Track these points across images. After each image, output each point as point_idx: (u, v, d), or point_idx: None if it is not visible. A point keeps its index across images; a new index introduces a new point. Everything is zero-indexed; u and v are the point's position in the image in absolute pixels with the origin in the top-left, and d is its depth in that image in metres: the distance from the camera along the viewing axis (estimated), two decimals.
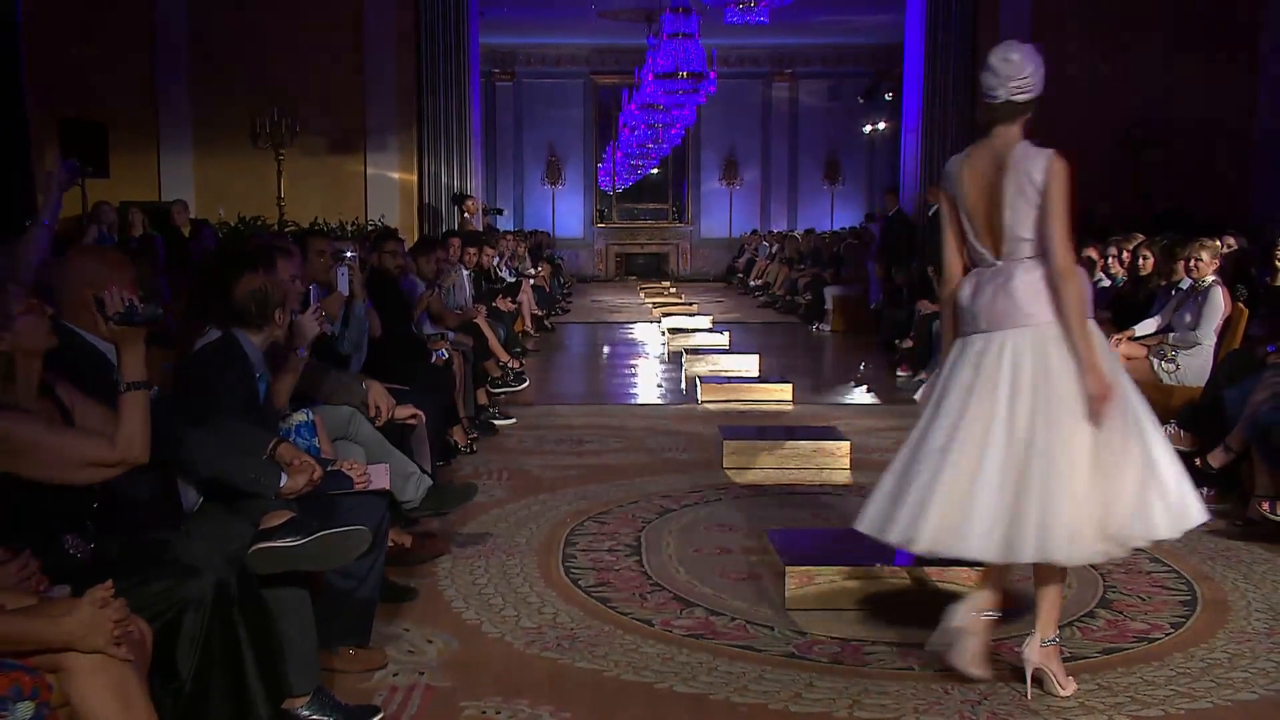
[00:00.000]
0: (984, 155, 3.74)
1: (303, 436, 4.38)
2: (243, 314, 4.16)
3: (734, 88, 25.41)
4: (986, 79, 3.72)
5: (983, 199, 3.72)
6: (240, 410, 3.98)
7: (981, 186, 3.72)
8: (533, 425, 8.50)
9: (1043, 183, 3.59)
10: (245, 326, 4.18)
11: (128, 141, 14.63)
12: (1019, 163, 3.64)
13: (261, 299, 4.19)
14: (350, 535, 3.49)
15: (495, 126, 26.47)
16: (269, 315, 4.21)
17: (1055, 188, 3.59)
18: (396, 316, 6.89)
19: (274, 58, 15.01)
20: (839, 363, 13.09)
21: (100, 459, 2.98)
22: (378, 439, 4.95)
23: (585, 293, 23.13)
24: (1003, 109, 3.71)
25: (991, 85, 3.71)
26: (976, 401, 3.66)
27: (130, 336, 3.07)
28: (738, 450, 7.07)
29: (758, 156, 27.56)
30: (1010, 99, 3.69)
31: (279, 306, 4.25)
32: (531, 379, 9.90)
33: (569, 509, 6.14)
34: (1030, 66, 3.68)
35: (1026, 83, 3.68)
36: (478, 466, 7.12)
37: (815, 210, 26.77)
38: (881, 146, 26.21)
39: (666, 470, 7.08)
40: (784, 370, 11.06)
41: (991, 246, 3.74)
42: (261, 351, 4.24)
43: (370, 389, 5.14)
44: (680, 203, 28.26)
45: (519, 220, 26.56)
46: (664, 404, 9.84)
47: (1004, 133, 3.72)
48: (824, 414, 9.04)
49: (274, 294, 4.25)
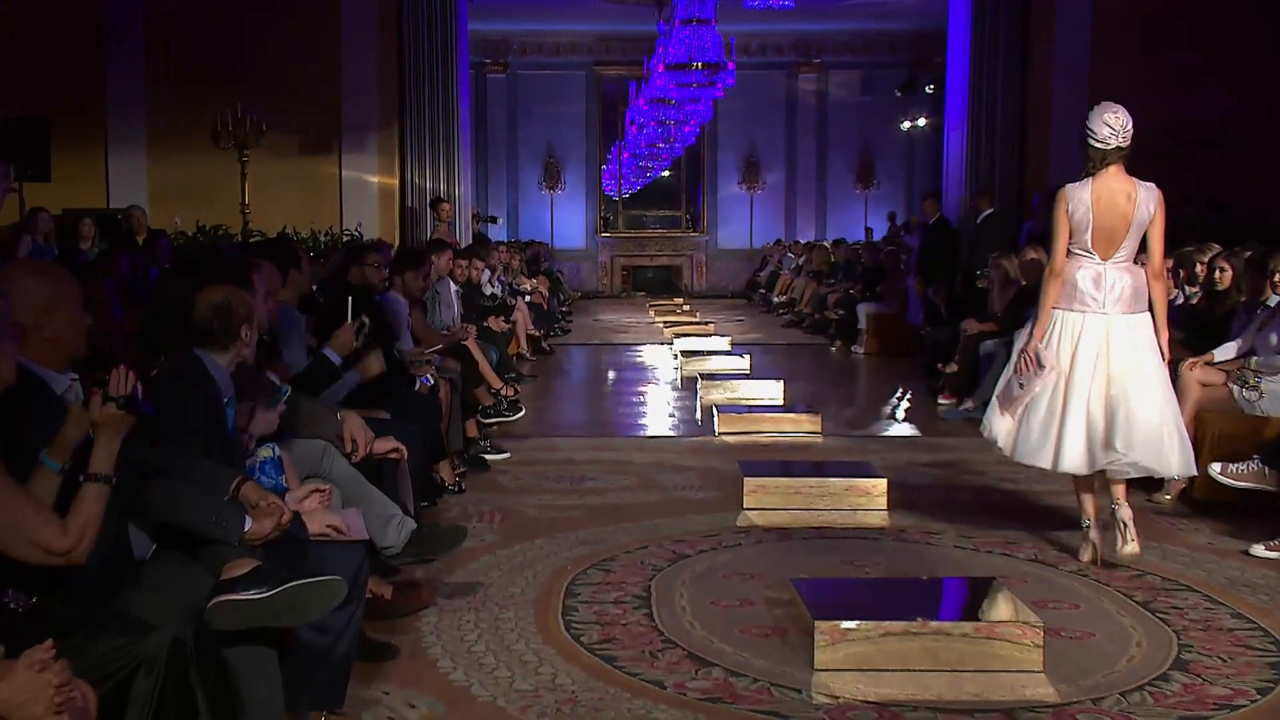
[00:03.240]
0: (1111, 186, 5.88)
1: (268, 474, 4.38)
2: (205, 331, 4.16)
3: (755, 80, 25.50)
4: (1101, 131, 5.85)
5: (1109, 215, 5.86)
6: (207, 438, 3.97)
7: (1113, 209, 5.86)
8: (529, 460, 8.48)
9: (1153, 212, 5.87)
10: (208, 346, 4.18)
11: (72, 141, 14.69)
12: (1141, 197, 5.85)
13: (225, 314, 4.19)
14: (323, 586, 3.47)
15: (487, 124, 26.59)
16: (235, 331, 4.21)
17: (1160, 216, 5.89)
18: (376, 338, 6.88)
19: (239, 47, 15.10)
20: (874, 390, 13.05)
21: (49, 544, 2.97)
22: (354, 477, 4.95)
23: (588, 310, 23.16)
24: (1114, 153, 5.87)
25: (1106, 136, 5.85)
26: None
27: (116, 424, 3.08)
28: (760, 488, 7.05)
29: (782, 157, 27.63)
30: (1120, 146, 5.86)
31: (245, 322, 4.26)
32: (527, 408, 9.89)
33: (570, 555, 6.12)
34: (1130, 121, 5.87)
35: (1130, 133, 5.86)
36: (467, 507, 7.10)
37: (846, 217, 26.83)
38: (921, 145, 26.29)
39: (679, 511, 7.07)
40: (812, 398, 11.02)
41: (1100, 250, 5.91)
42: (229, 373, 4.24)
43: (346, 420, 5.14)
44: (694, 209, 28.31)
45: (513, 229, 26.64)
46: (676, 436, 9.84)
47: (1118, 171, 5.89)
48: (857, 447, 9.03)
49: (239, 308, 4.25)
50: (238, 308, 4.25)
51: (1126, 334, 5.86)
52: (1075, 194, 5.91)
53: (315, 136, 15.52)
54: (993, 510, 7.10)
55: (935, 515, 6.95)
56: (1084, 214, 5.88)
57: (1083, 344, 5.86)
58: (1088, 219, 5.87)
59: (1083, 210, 5.89)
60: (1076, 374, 5.86)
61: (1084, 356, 5.86)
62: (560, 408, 12.01)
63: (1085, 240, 5.90)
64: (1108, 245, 5.89)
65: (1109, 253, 5.90)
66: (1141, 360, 5.84)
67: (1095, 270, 5.91)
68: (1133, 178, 5.90)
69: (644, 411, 11.43)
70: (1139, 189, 5.87)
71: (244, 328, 4.26)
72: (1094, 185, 5.89)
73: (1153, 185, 5.89)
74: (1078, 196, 5.90)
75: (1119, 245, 5.88)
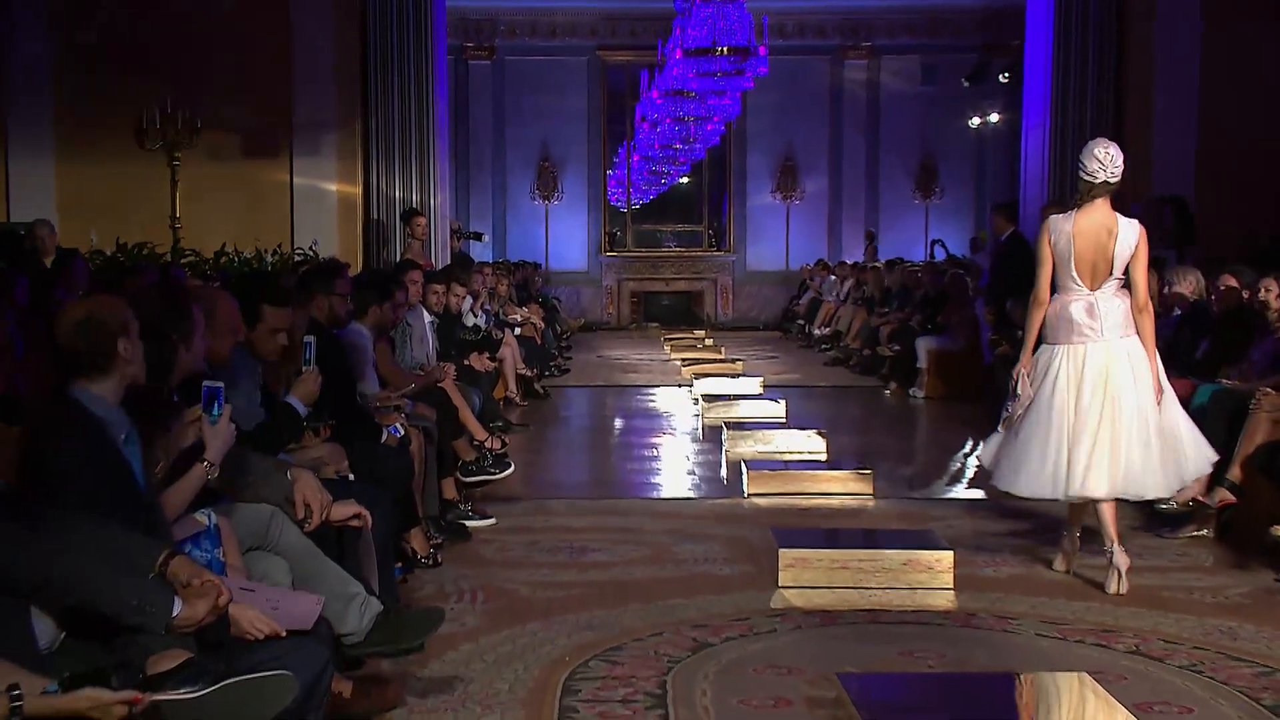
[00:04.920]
0: (1094, 219, 7.10)
1: (202, 547, 4.37)
2: (73, 357, 4.13)
3: (792, 67, 25.60)
4: (1090, 164, 7.04)
5: (1090, 249, 7.08)
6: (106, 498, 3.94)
7: (1094, 243, 7.08)
8: (519, 527, 8.49)
9: (1134, 247, 7.05)
10: (83, 376, 4.14)
11: None
12: (1123, 231, 7.06)
13: (92, 329, 4.15)
14: (268, 684, 3.46)
15: (469, 120, 26.66)
16: (109, 349, 4.16)
17: (1142, 249, 7.09)
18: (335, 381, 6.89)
19: (168, 30, 15.12)
20: (937, 442, 13.04)
21: None
22: (307, 549, 4.94)
23: (590, 345, 23.19)
24: (1101, 187, 7.07)
25: (1094, 170, 7.03)
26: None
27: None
28: (799, 562, 7.05)
29: (824, 161, 27.68)
30: (1107, 181, 7.04)
31: (121, 335, 4.21)
32: (517, 463, 9.86)
33: (568, 643, 6.11)
34: (1121, 159, 7.07)
35: (1119, 171, 7.06)
36: (444, 584, 7.10)
37: (903, 233, 26.86)
38: (994, 146, 26.30)
39: (701, 589, 7.05)
40: (861, 453, 11.00)
41: (1088, 282, 7.11)
42: (117, 404, 4.20)
43: (298, 481, 5.14)
44: (719, 223, 28.36)
45: (500, 247, 26.68)
46: (697, 498, 9.84)
47: (1103, 205, 7.11)
48: (917, 513, 9.03)
49: (108, 319, 4.20)
50: (106, 319, 4.19)
51: (1124, 358, 7.06)
52: (1059, 225, 7.18)
53: (260, 136, 15.55)
54: (1084, 591, 7.08)
55: (1012, 596, 6.94)
56: (1065, 245, 7.12)
57: (1087, 374, 7.04)
58: (1069, 250, 7.11)
59: (1064, 242, 7.13)
60: (1084, 403, 7.01)
61: (1089, 387, 7.02)
62: (557, 463, 12.00)
63: (1070, 271, 7.13)
64: (1093, 277, 7.12)
65: (1096, 283, 7.11)
66: (1140, 383, 7.05)
67: (1087, 301, 7.11)
68: (1116, 213, 7.15)
69: (658, 468, 11.43)
70: (1120, 224, 7.08)
71: (120, 342, 4.18)
72: (1077, 218, 7.14)
73: (1135, 221, 7.15)
74: (1060, 228, 7.16)
75: (1104, 277, 7.10)
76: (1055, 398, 7.10)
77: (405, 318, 9.85)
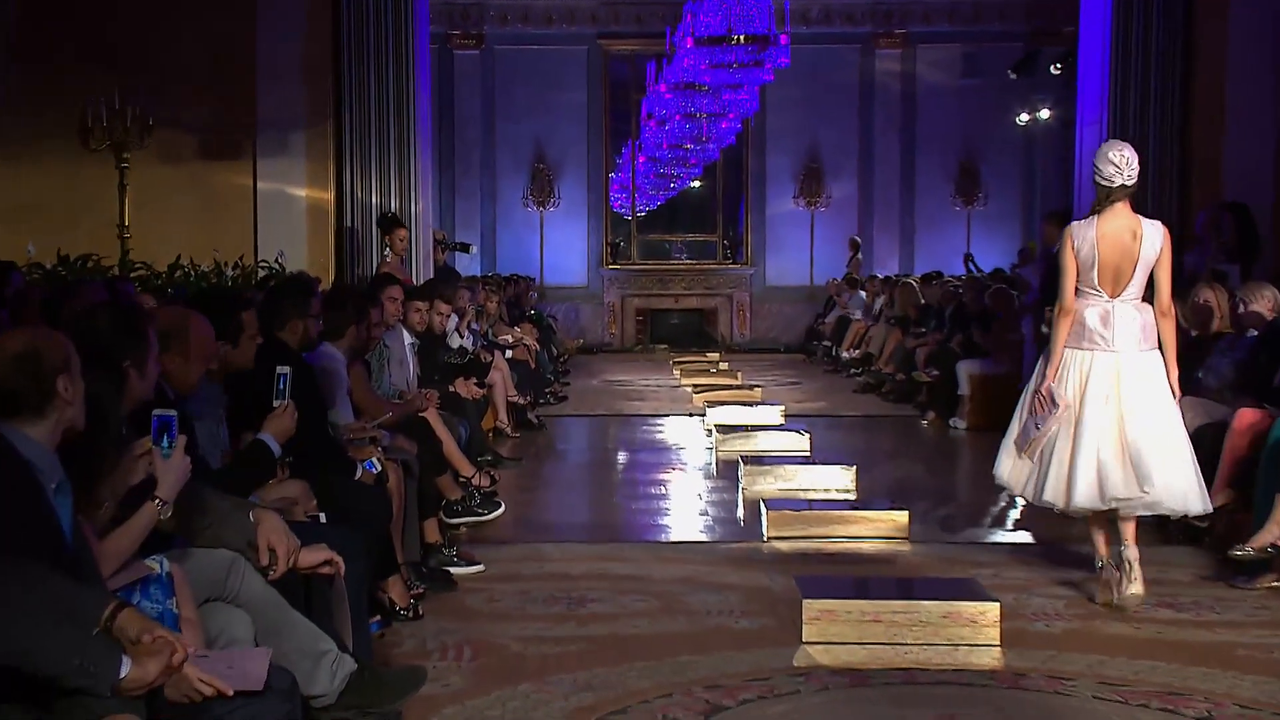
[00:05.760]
0: (1117, 224, 7.71)
1: (152, 597, 4.36)
2: (6, 397, 4.11)
3: (817, 58, 25.70)
4: (1106, 169, 7.69)
5: (1114, 254, 7.67)
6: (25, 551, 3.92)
7: (1118, 247, 7.67)
8: (510, 574, 8.49)
9: (1159, 249, 7.68)
10: (17, 415, 4.13)
11: None
12: (1148, 233, 7.69)
13: (31, 365, 4.14)
14: None
15: (454, 118, 26.76)
16: (48, 388, 4.16)
17: (1168, 254, 7.73)
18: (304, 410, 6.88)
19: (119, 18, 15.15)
20: (980, 478, 12.95)
21: None
22: (271, 600, 4.94)
23: (590, 369, 23.28)
24: (1119, 191, 7.70)
25: (1111, 174, 7.69)
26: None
27: None
28: (825, 615, 7.03)
29: (853, 162, 27.79)
30: (1125, 184, 7.68)
31: (62, 373, 4.20)
32: (508, 503, 9.88)
33: (565, 706, 6.11)
34: (1137, 160, 7.74)
35: (1136, 173, 7.72)
36: (426, 639, 7.09)
37: (942, 243, 26.90)
38: (1044, 145, 26.33)
39: (715, 645, 7.05)
40: (896, 491, 10.98)
41: (1108, 288, 7.72)
42: (52, 451, 4.19)
43: (261, 523, 5.13)
44: (735, 233, 28.44)
45: (489, 260, 26.75)
46: (710, 542, 9.86)
47: (1124, 208, 7.74)
48: (958, 558, 9.06)
49: (50, 354, 4.20)
50: (46, 354, 4.19)
51: (1140, 372, 7.68)
52: (1081, 232, 7.78)
53: (220, 136, 15.55)
54: (1149, 647, 7.05)
55: (1067, 654, 6.91)
56: (1089, 252, 7.71)
57: (1091, 382, 7.66)
58: (1093, 257, 7.70)
59: (1088, 248, 7.72)
60: (1086, 412, 7.64)
61: (1093, 395, 7.65)
62: (553, 503, 12.01)
63: (1092, 278, 7.73)
64: (1115, 283, 7.72)
65: (1116, 290, 7.72)
66: (1156, 399, 7.67)
67: (1103, 308, 7.73)
68: (1139, 215, 7.81)
69: (666, 508, 11.41)
70: (1145, 226, 7.72)
71: (61, 380, 4.17)
72: (1099, 223, 7.73)
73: (1159, 223, 7.81)
74: (1083, 234, 7.76)
75: (1126, 283, 7.72)
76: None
77: (383, 339, 9.83)
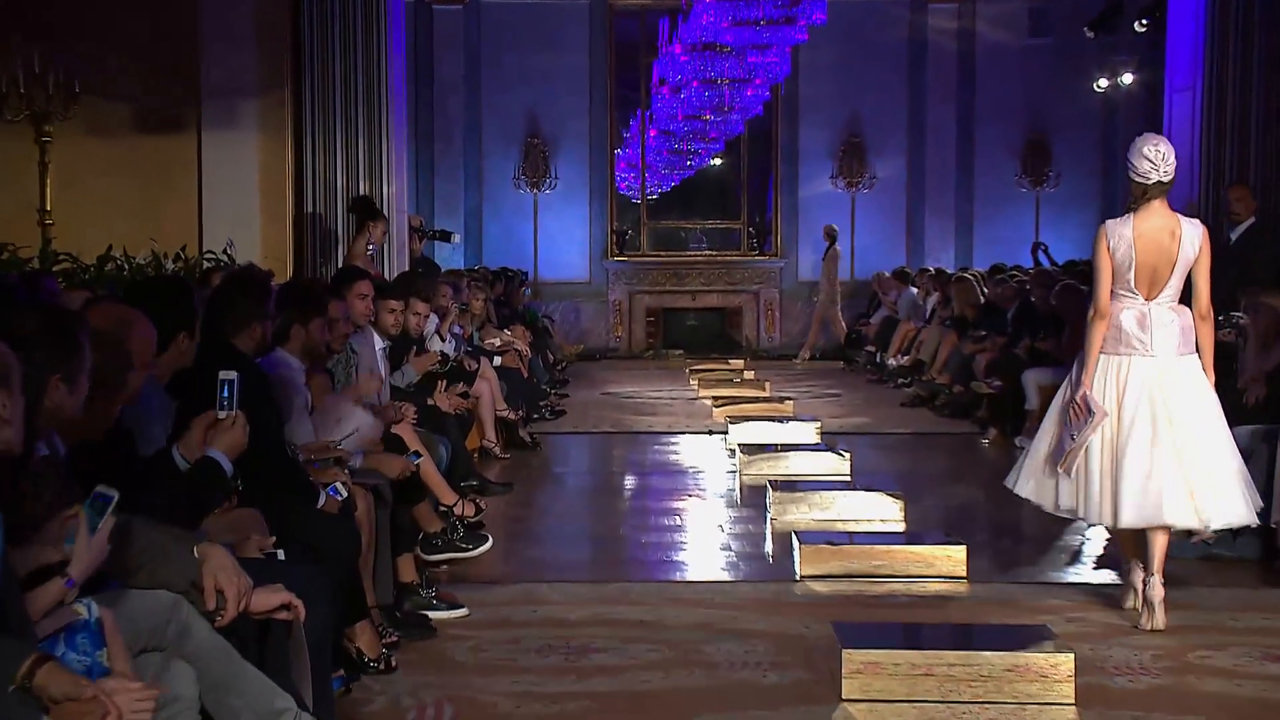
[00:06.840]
0: (1154, 223, 8.31)
1: (78, 648, 4.33)
2: None
3: (859, 14, 25.86)
4: (1141, 165, 8.23)
5: (1152, 253, 8.28)
6: None
7: (1156, 246, 8.28)
8: (499, 620, 8.49)
9: (1198, 250, 8.30)
10: None
11: None
12: (1186, 232, 8.30)
13: None
14: None
15: (433, 85, 26.84)
16: None
17: (1206, 255, 8.35)
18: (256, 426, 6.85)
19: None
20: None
21: None
22: (219, 650, 4.93)
23: (592, 378, 23.35)
24: (1156, 188, 8.28)
25: (1146, 171, 8.23)
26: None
27: None
28: (869, 667, 7.02)
29: (902, 136, 27.82)
30: (1161, 180, 8.25)
31: (1, 388, 4.21)
32: (496, 536, 9.88)
33: None
34: (1174, 156, 8.33)
35: (1173, 169, 8.30)
36: (400, 696, 7.09)
37: (1006, 229, 26.98)
38: (1127, 114, 26.32)
39: (740, 702, 7.06)
40: (951, 521, 10.99)
41: (1144, 290, 8.31)
42: None
43: (208, 559, 5.09)
44: (762, 219, 28.49)
45: (475, 250, 26.82)
46: (733, 581, 9.88)
47: (1161, 206, 8.33)
48: (1025, 601, 9.03)
49: None
50: None
51: (1180, 378, 8.29)
52: (1116, 230, 8.36)
53: (159, 105, 15.64)
54: (1253, 710, 7.06)
55: (1155, 714, 6.90)
56: (1126, 251, 8.30)
57: (1129, 389, 8.27)
58: (1130, 257, 8.29)
59: (1125, 248, 8.30)
60: (1124, 422, 8.25)
61: (1131, 402, 8.26)
62: (548, 535, 11.97)
63: (1128, 280, 8.32)
64: (1151, 285, 8.31)
65: (1153, 292, 8.31)
66: (1202, 405, 8.30)
67: (1139, 311, 8.33)
68: (1177, 214, 8.41)
69: (681, 542, 11.39)
70: (1184, 225, 8.33)
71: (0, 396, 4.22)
72: (1135, 221, 8.33)
73: (1198, 222, 8.43)
74: (1119, 233, 8.34)
75: (1163, 285, 8.32)
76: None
77: (350, 344, 9.80)
